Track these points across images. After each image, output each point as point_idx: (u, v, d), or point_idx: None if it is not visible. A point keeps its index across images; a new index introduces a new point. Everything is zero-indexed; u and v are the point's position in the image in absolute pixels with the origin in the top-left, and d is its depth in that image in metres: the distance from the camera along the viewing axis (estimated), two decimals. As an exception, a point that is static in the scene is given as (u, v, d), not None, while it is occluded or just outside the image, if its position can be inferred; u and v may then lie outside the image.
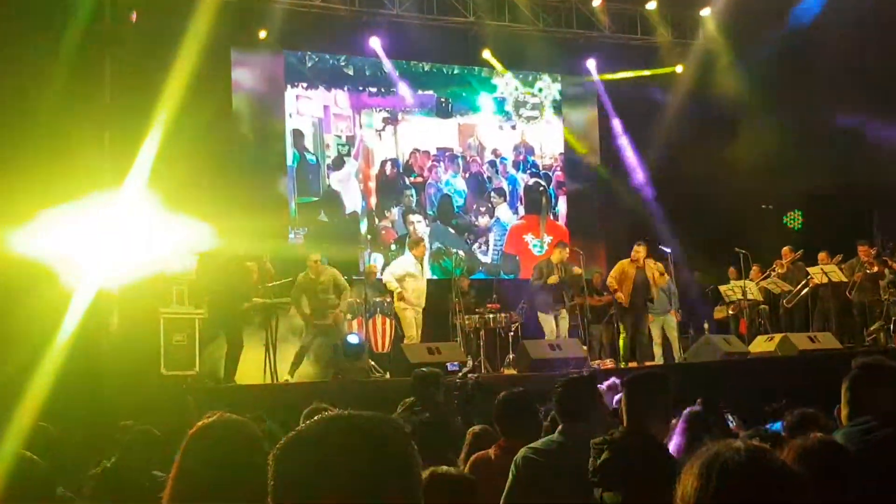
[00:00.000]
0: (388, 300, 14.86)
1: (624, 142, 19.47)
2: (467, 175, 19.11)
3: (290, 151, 17.65)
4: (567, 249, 15.22)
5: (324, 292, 13.76)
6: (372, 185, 18.26)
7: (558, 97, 19.82)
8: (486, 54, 18.38)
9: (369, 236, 17.87)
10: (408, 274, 14.41)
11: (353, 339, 13.44)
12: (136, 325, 12.07)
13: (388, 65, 18.00)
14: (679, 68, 19.17)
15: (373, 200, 18.23)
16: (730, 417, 7.11)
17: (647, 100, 18.96)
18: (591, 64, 19.20)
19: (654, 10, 18.54)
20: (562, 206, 19.79)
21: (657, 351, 15.04)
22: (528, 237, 19.38)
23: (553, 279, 14.56)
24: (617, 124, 19.59)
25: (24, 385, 9.31)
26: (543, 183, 19.76)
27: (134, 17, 14.74)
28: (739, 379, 12.14)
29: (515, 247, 19.30)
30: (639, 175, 19.20)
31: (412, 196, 18.58)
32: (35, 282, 10.83)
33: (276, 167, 17.50)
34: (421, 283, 14.53)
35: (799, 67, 17.09)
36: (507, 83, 19.37)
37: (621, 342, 15.51)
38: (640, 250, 14.88)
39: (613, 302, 15.18)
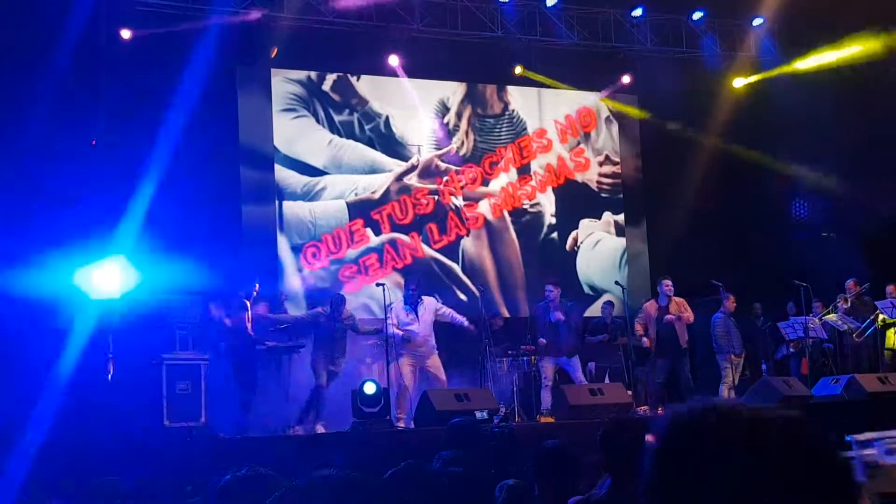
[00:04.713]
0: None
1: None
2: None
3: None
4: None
5: None
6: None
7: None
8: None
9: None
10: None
11: (369, 388, 12.86)
12: (135, 373, 11.96)
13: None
14: (738, 81, 18.98)
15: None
16: None
17: (691, 114, 18.71)
18: (626, 80, 18.91)
19: (700, 20, 18.33)
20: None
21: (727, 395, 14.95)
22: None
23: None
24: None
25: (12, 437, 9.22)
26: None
27: None
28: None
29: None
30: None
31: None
32: (26, 323, 10.76)
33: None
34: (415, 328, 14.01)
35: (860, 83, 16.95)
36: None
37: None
38: (668, 286, 14.94)
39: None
